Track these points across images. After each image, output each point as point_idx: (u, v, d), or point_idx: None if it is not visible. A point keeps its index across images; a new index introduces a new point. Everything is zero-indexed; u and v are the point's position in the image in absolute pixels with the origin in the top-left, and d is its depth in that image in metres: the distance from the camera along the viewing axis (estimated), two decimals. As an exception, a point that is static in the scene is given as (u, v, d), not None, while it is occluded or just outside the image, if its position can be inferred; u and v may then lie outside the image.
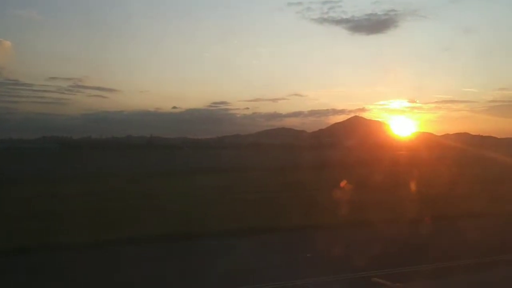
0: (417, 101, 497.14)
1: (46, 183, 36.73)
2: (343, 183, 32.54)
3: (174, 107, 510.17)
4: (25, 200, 27.01)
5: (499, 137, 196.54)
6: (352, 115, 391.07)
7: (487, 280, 11.88)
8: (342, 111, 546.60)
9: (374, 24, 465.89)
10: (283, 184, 35.48)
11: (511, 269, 12.87)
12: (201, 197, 28.68)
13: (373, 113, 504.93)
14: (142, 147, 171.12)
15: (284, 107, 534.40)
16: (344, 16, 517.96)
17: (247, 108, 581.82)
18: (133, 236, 16.77)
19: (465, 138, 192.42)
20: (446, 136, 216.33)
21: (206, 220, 20.09)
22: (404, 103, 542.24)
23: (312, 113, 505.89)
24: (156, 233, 17.37)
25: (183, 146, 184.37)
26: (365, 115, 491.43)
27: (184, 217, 20.91)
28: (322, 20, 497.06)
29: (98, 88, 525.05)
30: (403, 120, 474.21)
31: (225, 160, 75.60)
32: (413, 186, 33.34)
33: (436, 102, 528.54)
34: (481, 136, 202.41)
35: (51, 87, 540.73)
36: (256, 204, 25.73)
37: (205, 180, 40.62)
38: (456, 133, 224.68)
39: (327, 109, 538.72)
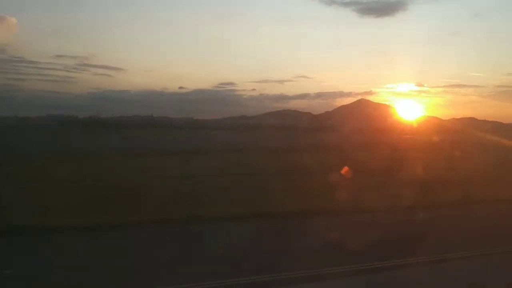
0: (425, 85, 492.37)
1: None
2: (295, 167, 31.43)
3: (181, 87, 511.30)
4: None
5: (505, 122, 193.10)
6: (359, 98, 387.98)
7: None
8: (349, 94, 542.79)
9: (383, 7, 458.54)
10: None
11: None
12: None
13: (380, 96, 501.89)
14: (142, 127, 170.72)
15: (291, 89, 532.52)
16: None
17: (254, 90, 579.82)
18: None
19: (471, 123, 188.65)
20: (452, 120, 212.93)
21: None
22: (412, 86, 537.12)
23: (319, 95, 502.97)
24: None
25: (184, 127, 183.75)
26: (372, 98, 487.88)
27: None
28: (331, 2, 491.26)
29: (104, 67, 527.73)
30: (410, 103, 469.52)
31: (209, 142, 74.86)
32: (395, 170, 31.75)
33: (444, 86, 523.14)
34: (487, 121, 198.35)
35: (57, 65, 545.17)
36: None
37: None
38: (463, 118, 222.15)
39: (334, 92, 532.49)
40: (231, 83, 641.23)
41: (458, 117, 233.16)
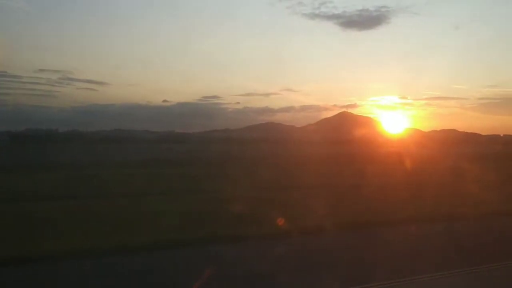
0: (408, 98, 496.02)
1: None
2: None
3: (165, 101, 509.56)
4: None
5: (483, 134, 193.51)
6: (343, 110, 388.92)
7: None
8: (333, 107, 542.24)
9: (365, 20, 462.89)
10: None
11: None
12: None
13: (364, 108, 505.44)
14: (118, 141, 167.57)
15: (276, 102, 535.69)
16: (336, 12, 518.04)
17: (238, 103, 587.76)
18: None
19: (451, 135, 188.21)
20: (433, 132, 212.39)
21: None
22: (396, 99, 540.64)
23: (304, 108, 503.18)
24: None
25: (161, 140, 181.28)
26: (356, 110, 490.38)
27: None
28: (314, 16, 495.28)
29: (88, 81, 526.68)
30: (394, 116, 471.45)
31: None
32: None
33: (427, 98, 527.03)
34: (467, 133, 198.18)
35: (41, 79, 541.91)
36: None
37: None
38: (443, 130, 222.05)
39: (319, 105, 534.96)
40: (216, 96, 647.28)
41: (439, 129, 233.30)
